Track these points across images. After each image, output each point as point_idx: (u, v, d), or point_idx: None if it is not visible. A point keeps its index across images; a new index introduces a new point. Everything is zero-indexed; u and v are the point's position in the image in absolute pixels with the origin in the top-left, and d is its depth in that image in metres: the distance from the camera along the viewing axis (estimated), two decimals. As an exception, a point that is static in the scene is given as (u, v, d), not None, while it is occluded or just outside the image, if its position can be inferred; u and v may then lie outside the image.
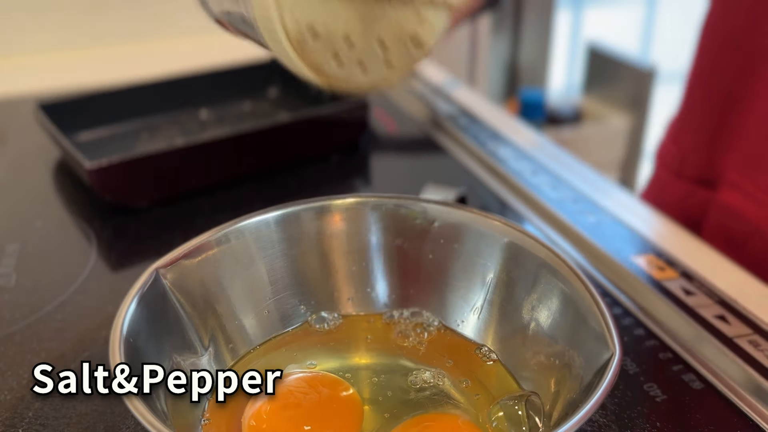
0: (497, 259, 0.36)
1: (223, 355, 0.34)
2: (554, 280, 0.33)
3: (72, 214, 0.56)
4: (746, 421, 0.34)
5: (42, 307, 0.43)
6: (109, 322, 0.29)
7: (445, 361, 0.35)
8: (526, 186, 0.57)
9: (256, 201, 0.56)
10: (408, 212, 0.38)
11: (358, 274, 0.38)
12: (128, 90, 0.68)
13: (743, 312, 0.42)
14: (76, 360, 0.38)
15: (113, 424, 0.34)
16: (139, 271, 0.32)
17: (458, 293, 0.37)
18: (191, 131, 0.68)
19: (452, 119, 0.71)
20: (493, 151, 0.63)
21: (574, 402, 0.28)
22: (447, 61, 1.05)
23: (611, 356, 0.28)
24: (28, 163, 0.64)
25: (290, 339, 0.37)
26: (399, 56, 0.30)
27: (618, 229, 0.51)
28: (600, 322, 0.29)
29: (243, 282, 0.36)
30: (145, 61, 0.92)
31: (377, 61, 0.30)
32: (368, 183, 0.63)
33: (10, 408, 0.35)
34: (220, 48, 0.98)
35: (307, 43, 0.29)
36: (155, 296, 0.32)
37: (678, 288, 0.44)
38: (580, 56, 1.83)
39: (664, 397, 0.36)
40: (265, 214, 0.37)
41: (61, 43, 0.96)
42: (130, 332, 0.29)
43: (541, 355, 0.33)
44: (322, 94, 0.70)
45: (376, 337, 0.37)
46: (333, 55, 0.29)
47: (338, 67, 0.30)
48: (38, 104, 0.62)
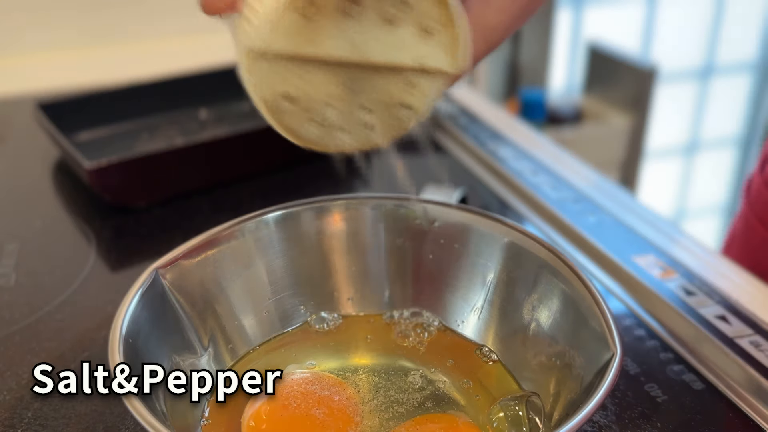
0: (497, 259, 0.36)
1: (222, 355, 0.34)
2: (555, 281, 0.33)
3: (71, 213, 0.56)
4: (747, 421, 0.34)
5: (42, 307, 0.43)
6: (108, 322, 0.29)
7: (446, 361, 0.35)
8: (526, 186, 0.57)
9: (256, 201, 0.56)
10: (408, 212, 0.38)
11: (358, 274, 0.38)
12: (128, 90, 0.68)
13: (744, 312, 0.42)
14: (76, 360, 0.38)
15: (113, 424, 0.34)
16: (138, 271, 0.32)
17: (458, 293, 0.37)
18: (191, 131, 0.68)
19: (452, 119, 0.71)
20: (493, 151, 0.63)
21: (575, 402, 0.28)
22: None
23: (612, 356, 0.27)
24: (28, 163, 0.64)
25: (290, 339, 0.37)
26: (386, 121, 0.29)
27: (618, 229, 0.51)
28: (601, 322, 0.29)
29: (243, 282, 0.36)
30: (145, 61, 0.92)
31: (361, 126, 0.29)
32: (368, 183, 0.63)
33: (10, 408, 0.35)
34: (220, 48, 0.98)
35: (282, 109, 0.28)
36: (155, 296, 0.31)
37: (678, 288, 0.44)
38: (580, 56, 1.83)
39: (664, 398, 0.36)
40: (265, 214, 0.37)
41: (61, 43, 0.96)
42: (130, 332, 0.29)
43: (541, 355, 0.33)
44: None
45: (376, 337, 0.37)
46: (311, 119, 0.28)
47: (318, 130, 0.28)
48: (38, 104, 0.62)
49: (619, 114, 1.66)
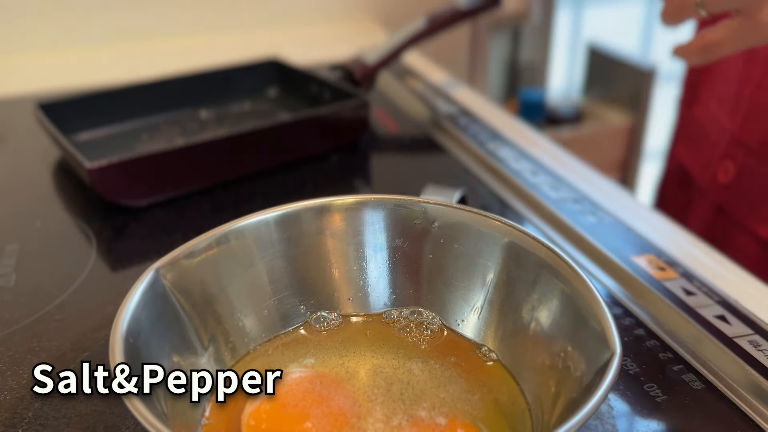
0: (497, 259, 0.36)
1: (223, 355, 0.34)
2: (554, 280, 0.33)
3: (72, 214, 0.56)
4: (746, 421, 0.34)
5: (42, 307, 0.43)
6: (108, 322, 0.29)
7: (446, 360, 0.35)
8: (526, 186, 0.57)
9: (256, 201, 0.56)
10: (408, 212, 0.38)
11: (358, 273, 0.38)
12: (128, 90, 0.68)
13: (743, 312, 0.42)
14: (76, 360, 0.38)
15: (113, 424, 0.34)
16: (139, 271, 0.32)
17: (458, 293, 0.37)
18: (191, 131, 0.68)
19: (452, 119, 0.71)
20: (493, 151, 0.63)
21: (575, 402, 0.28)
22: (447, 61, 1.05)
23: (611, 356, 0.28)
24: (28, 163, 0.64)
25: (290, 339, 0.37)
26: None
27: (618, 229, 0.51)
28: (600, 322, 0.29)
29: (243, 282, 0.36)
30: (145, 61, 0.92)
31: None
32: (368, 183, 0.63)
33: (10, 408, 0.35)
34: (220, 48, 0.98)
35: None
36: (155, 296, 0.32)
37: (678, 288, 0.44)
38: (580, 56, 1.83)
39: (664, 398, 0.36)
40: (265, 214, 0.37)
41: (61, 43, 0.96)
42: (130, 332, 0.29)
43: (541, 355, 0.33)
44: (322, 94, 0.70)
45: (376, 337, 0.37)
46: None
47: None
48: (38, 104, 0.62)
49: (618, 114, 1.66)
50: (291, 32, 1.07)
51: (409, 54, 0.86)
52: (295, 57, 0.81)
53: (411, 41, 0.73)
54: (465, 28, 1.23)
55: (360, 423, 0.31)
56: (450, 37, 0.92)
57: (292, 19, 1.09)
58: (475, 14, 0.76)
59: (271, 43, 0.95)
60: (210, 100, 0.72)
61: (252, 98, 0.75)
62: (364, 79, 0.71)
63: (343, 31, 1.09)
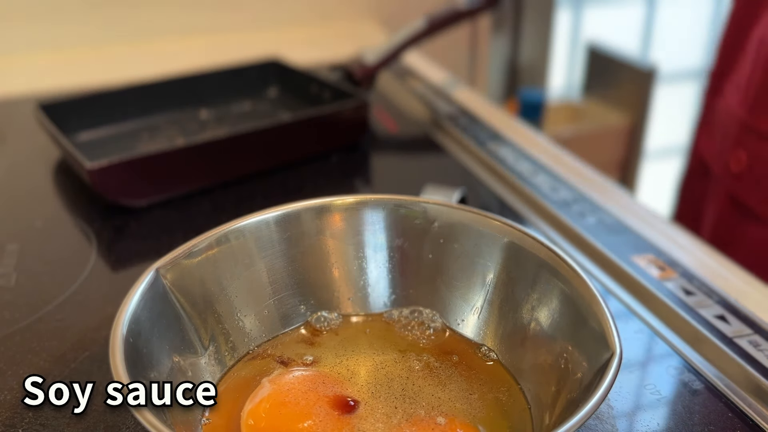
0: (497, 259, 0.36)
1: (223, 354, 0.34)
2: (554, 280, 0.33)
3: (72, 214, 0.56)
4: (746, 421, 0.34)
5: (42, 307, 0.43)
6: (108, 322, 0.29)
7: (446, 360, 0.35)
8: (526, 186, 0.57)
9: (256, 201, 0.56)
10: (408, 212, 0.38)
11: (358, 273, 0.39)
12: (128, 90, 0.68)
13: (743, 312, 0.42)
14: (77, 360, 0.38)
15: (113, 424, 0.34)
16: (139, 271, 0.32)
17: (458, 293, 0.37)
18: (191, 131, 0.68)
19: (452, 119, 0.71)
20: (493, 151, 0.63)
21: (575, 402, 0.28)
22: (447, 61, 1.05)
23: (611, 356, 0.28)
24: (28, 163, 0.64)
25: (290, 338, 0.37)
26: None
27: (617, 229, 0.51)
28: (600, 321, 0.29)
29: (243, 282, 0.36)
30: (145, 61, 0.92)
31: None
32: (368, 183, 0.63)
33: (10, 408, 0.35)
34: (220, 48, 0.98)
35: None
36: (155, 296, 0.32)
37: (678, 288, 0.44)
38: (580, 56, 1.83)
39: (664, 397, 0.36)
40: (265, 214, 0.37)
41: (61, 43, 0.96)
42: (131, 332, 0.29)
43: (541, 354, 0.33)
44: (322, 95, 0.70)
45: (376, 336, 0.37)
46: None
47: None
48: (38, 104, 0.62)
49: (618, 114, 1.66)
50: (291, 32, 1.07)
51: (409, 54, 0.86)
52: (295, 57, 0.81)
53: (411, 41, 0.73)
54: (465, 28, 1.23)
55: (360, 422, 0.31)
56: (450, 37, 0.92)
57: (292, 19, 1.09)
58: (475, 14, 0.76)
59: (271, 44, 0.95)
60: (210, 100, 0.72)
61: (252, 98, 0.75)
62: (364, 80, 0.71)
63: (343, 31, 1.09)
